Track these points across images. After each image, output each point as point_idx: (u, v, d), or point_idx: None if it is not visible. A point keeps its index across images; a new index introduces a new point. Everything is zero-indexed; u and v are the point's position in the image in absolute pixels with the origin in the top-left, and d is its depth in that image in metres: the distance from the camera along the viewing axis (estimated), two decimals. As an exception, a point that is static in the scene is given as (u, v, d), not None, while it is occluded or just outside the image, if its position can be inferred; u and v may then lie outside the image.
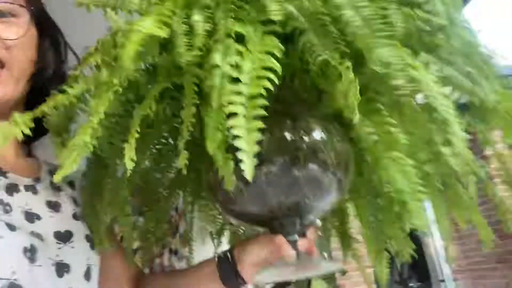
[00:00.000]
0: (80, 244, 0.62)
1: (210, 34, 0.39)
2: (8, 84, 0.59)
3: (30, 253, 0.55)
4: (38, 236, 0.57)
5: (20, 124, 0.47)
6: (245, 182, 0.47)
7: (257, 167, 0.41)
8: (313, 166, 0.49)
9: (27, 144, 0.70)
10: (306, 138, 0.49)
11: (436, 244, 3.96)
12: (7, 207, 0.57)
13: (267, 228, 0.55)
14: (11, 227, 0.55)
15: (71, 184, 0.70)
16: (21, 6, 0.60)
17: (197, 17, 0.40)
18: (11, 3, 0.58)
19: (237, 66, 0.35)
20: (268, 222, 0.53)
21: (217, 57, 0.35)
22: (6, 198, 0.58)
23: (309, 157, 0.49)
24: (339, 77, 0.38)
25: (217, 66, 0.35)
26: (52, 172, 0.69)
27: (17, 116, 0.47)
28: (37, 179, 0.66)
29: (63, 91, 0.49)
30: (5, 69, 0.58)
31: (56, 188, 0.67)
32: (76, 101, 0.50)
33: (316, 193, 0.50)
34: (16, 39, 0.58)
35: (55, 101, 0.48)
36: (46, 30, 0.64)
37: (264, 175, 0.47)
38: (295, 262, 0.50)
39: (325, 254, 0.63)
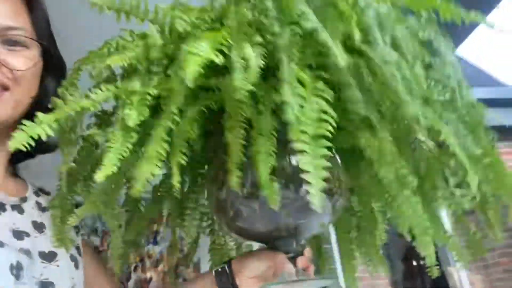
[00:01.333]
0: (64, 263, 0.62)
1: (263, 70, 0.42)
2: (9, 106, 0.61)
3: (16, 270, 0.54)
4: (27, 252, 0.57)
5: (44, 124, 0.45)
6: (261, 203, 0.52)
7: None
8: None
9: (13, 163, 0.70)
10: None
11: (460, 274, 3.63)
12: None
13: (268, 245, 0.58)
14: None
15: None
16: (33, 40, 0.63)
17: (251, 52, 0.42)
18: (25, 36, 0.61)
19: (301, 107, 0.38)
20: (270, 240, 0.56)
21: (287, 94, 0.38)
22: None
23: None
24: (373, 131, 0.43)
25: (286, 102, 0.37)
26: (38, 193, 0.70)
27: (41, 115, 0.45)
28: (23, 199, 0.66)
29: (87, 96, 0.49)
30: (8, 92, 0.60)
31: (41, 208, 0.67)
32: (98, 106, 0.50)
33: (318, 215, 0.55)
34: (24, 70, 0.61)
35: (80, 106, 0.47)
36: (52, 63, 0.67)
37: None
38: (294, 278, 0.54)
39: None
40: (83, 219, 0.60)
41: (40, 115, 0.45)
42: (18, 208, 0.63)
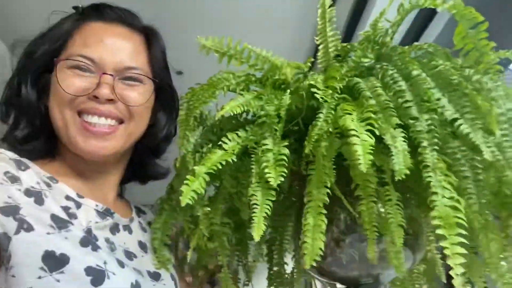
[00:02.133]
0: (168, 282, 0.66)
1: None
2: (122, 138, 0.63)
3: None
4: (139, 272, 0.61)
5: (200, 176, 0.49)
6: (361, 254, 0.57)
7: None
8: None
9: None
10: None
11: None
12: (112, 245, 0.60)
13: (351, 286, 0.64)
14: (121, 264, 0.58)
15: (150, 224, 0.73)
16: (149, 78, 0.66)
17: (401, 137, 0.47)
18: (141, 74, 0.65)
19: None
20: (356, 283, 0.62)
21: (434, 182, 0.44)
22: (111, 237, 0.61)
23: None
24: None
25: (435, 192, 0.43)
26: (138, 213, 0.74)
27: (197, 169, 0.49)
28: (131, 219, 0.69)
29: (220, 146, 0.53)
30: (122, 125, 0.63)
31: (143, 228, 0.70)
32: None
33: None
34: (138, 106, 0.64)
35: (222, 159, 0.51)
36: (165, 97, 0.71)
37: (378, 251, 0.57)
38: None
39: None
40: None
41: (196, 168, 0.49)
42: (128, 229, 0.66)
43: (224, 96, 0.58)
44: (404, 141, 0.47)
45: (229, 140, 0.54)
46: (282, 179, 0.49)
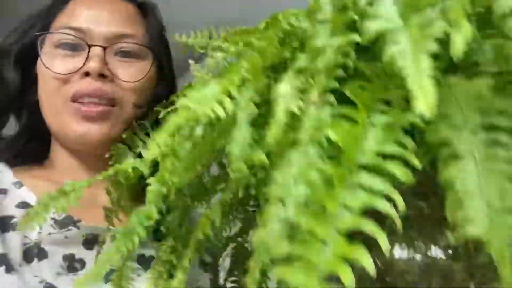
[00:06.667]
0: None
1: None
2: (115, 126, 0.55)
3: None
4: None
5: None
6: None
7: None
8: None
9: None
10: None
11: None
12: (76, 264, 0.51)
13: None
14: None
15: None
16: (146, 47, 0.58)
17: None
18: (136, 44, 0.57)
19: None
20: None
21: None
22: (81, 253, 0.52)
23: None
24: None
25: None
26: None
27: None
28: None
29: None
30: (115, 108, 0.55)
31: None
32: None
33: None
34: (133, 82, 0.56)
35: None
36: (164, 74, 0.62)
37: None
38: None
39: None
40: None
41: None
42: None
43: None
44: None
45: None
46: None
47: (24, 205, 0.52)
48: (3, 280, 0.45)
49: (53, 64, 0.54)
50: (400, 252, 0.35)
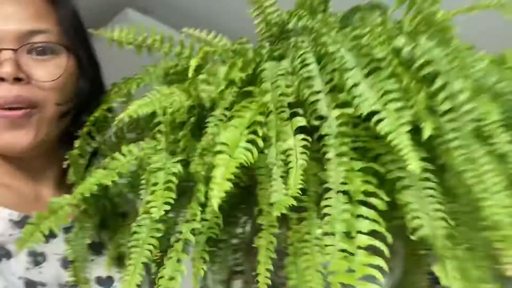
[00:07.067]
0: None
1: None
2: (40, 128, 0.54)
3: None
4: None
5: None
6: None
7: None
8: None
9: None
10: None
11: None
12: (39, 258, 0.55)
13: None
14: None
15: None
16: (60, 44, 0.55)
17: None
18: (49, 41, 0.54)
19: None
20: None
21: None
22: (40, 247, 0.55)
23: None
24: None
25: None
26: None
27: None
28: None
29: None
30: (36, 110, 0.54)
31: None
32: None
33: None
34: (51, 81, 0.54)
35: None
36: (83, 65, 0.58)
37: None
38: None
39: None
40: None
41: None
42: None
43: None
44: (303, 152, 0.34)
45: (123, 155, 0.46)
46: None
47: None
48: None
49: None
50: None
